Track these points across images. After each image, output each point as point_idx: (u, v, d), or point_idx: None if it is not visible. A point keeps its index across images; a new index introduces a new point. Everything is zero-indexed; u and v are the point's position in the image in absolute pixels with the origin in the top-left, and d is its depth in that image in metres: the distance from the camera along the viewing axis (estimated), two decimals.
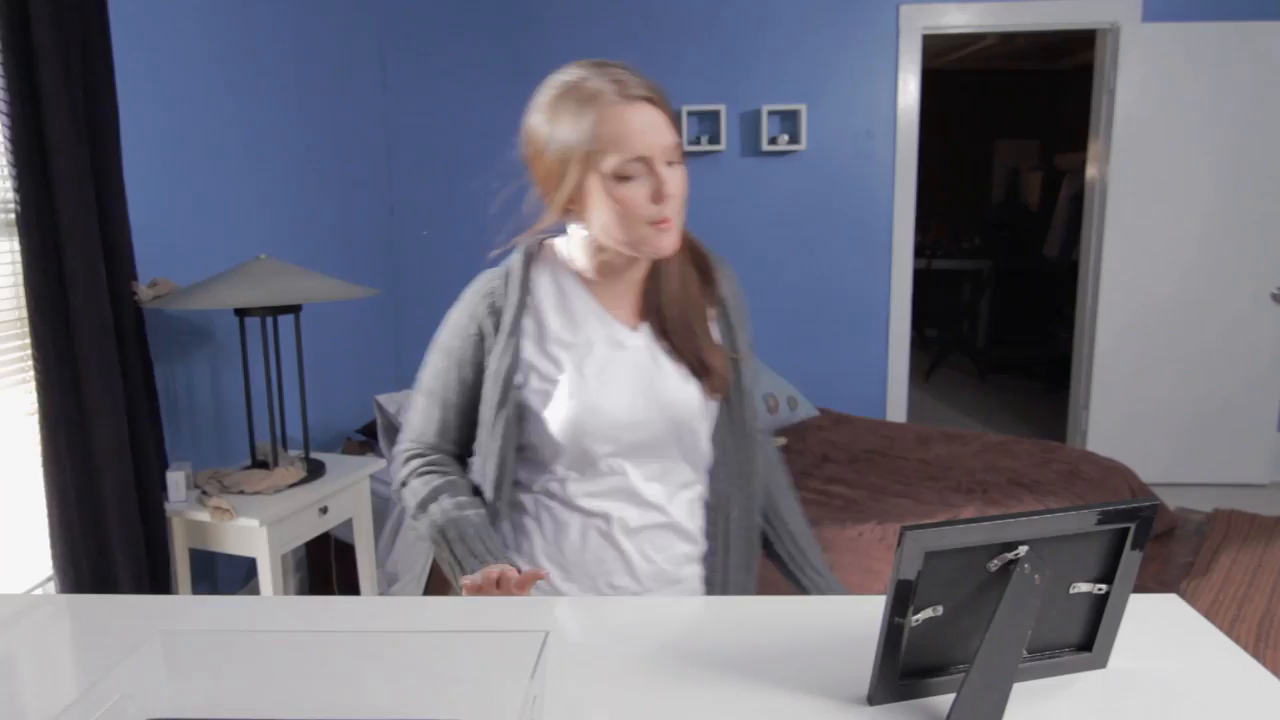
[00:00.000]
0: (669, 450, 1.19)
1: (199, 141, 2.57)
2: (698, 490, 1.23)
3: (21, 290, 1.87)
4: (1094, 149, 4.00)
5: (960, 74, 7.57)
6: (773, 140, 3.88)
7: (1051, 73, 7.44)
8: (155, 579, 2.09)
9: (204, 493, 2.20)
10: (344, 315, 3.41)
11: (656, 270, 1.21)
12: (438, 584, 2.55)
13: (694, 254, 1.25)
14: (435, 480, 1.21)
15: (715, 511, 1.22)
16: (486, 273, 1.23)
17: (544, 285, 1.21)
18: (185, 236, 2.51)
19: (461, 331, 1.21)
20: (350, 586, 2.70)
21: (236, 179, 2.75)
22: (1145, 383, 3.97)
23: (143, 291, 2.14)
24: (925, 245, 7.21)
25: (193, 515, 2.15)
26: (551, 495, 1.20)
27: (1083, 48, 5.50)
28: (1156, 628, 0.94)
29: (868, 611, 0.80)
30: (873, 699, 0.81)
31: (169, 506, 2.16)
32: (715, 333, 1.23)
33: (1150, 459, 3.98)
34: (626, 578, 1.18)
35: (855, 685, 0.83)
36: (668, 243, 1.12)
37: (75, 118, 1.86)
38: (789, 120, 3.90)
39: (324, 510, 2.31)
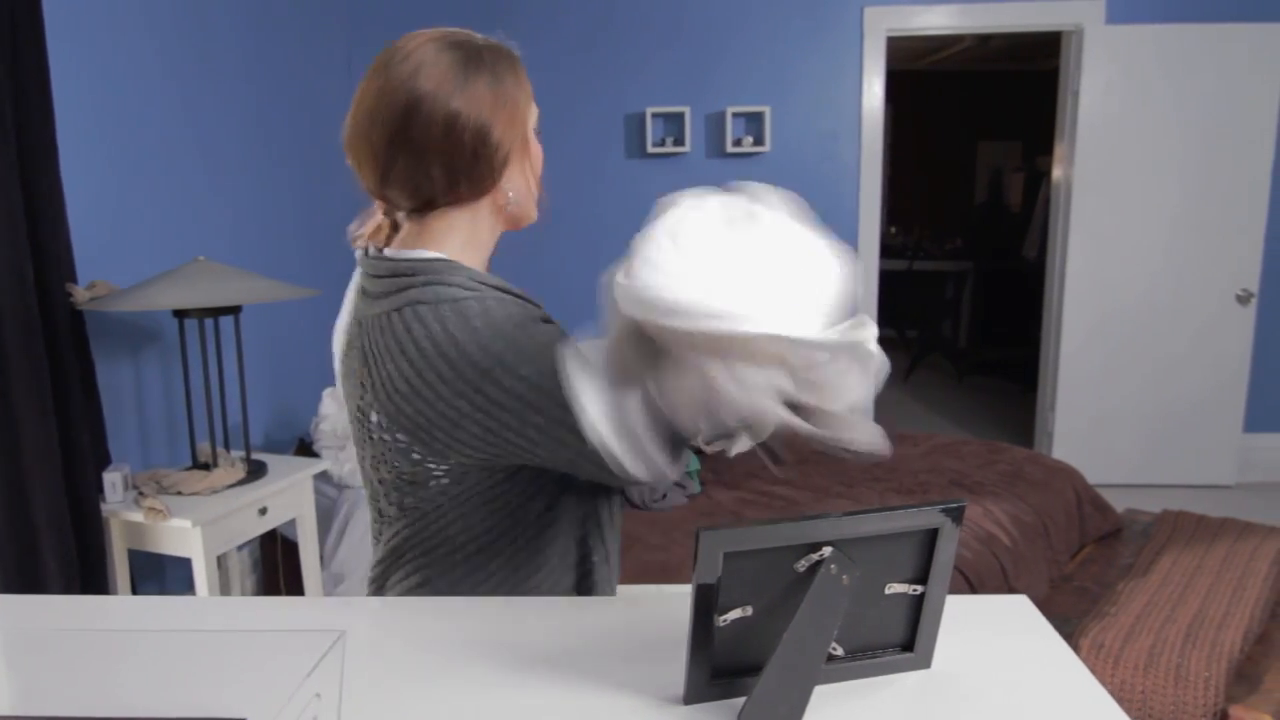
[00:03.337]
0: None
1: (151, 144, 2.58)
2: None
3: None
4: (1060, 150, 4.01)
5: (943, 75, 7.58)
6: (737, 142, 3.89)
7: (1034, 74, 7.44)
8: (89, 580, 2.10)
9: (141, 494, 2.21)
10: (309, 315, 3.42)
11: None
12: None
13: None
14: None
15: None
16: (491, 295, 1.00)
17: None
18: (138, 239, 2.53)
19: (536, 313, 1.03)
20: (299, 586, 2.71)
21: (193, 180, 2.76)
22: (1112, 384, 3.97)
23: (79, 294, 2.16)
24: (908, 246, 7.22)
25: (129, 516, 2.17)
26: None
27: None
28: (996, 629, 0.95)
29: (687, 611, 0.81)
30: (688, 698, 0.82)
31: (105, 507, 2.18)
32: None
33: (1117, 460, 3.99)
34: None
35: (673, 685, 0.84)
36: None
37: None
38: (753, 122, 3.91)
39: (263, 511, 2.32)
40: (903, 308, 6.69)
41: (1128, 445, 4.00)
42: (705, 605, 0.78)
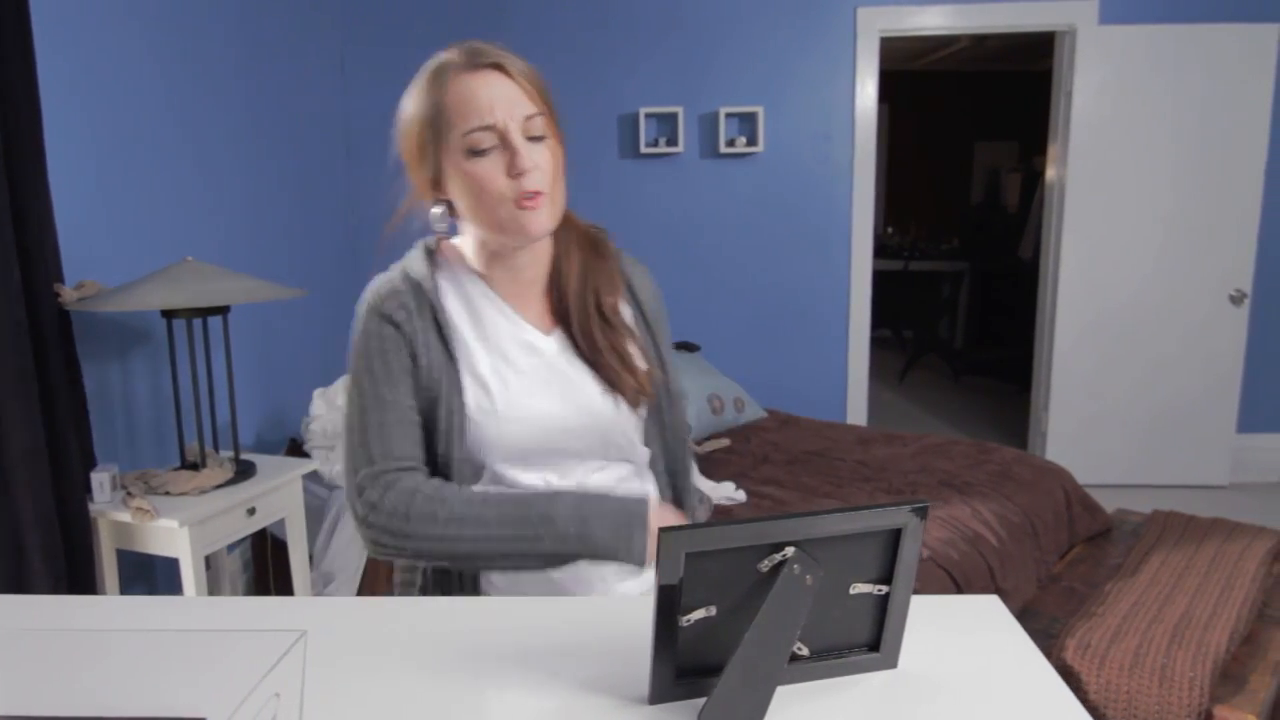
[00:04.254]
0: (602, 456, 1.16)
1: (140, 143, 2.58)
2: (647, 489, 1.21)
3: None
4: (1053, 151, 4.01)
5: (940, 75, 7.58)
6: (730, 142, 3.89)
7: (1031, 74, 7.43)
8: (76, 580, 2.10)
9: (129, 494, 2.21)
10: (298, 315, 3.42)
11: (557, 269, 1.18)
12: (371, 583, 2.56)
13: (597, 251, 1.20)
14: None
15: None
16: (382, 277, 1.15)
17: (447, 287, 1.15)
18: (126, 239, 2.53)
19: (384, 341, 1.10)
20: (289, 586, 2.71)
21: (182, 180, 2.76)
22: (1105, 384, 3.97)
23: (66, 294, 2.16)
24: (904, 246, 7.22)
25: (117, 516, 2.17)
26: None
27: None
28: (965, 629, 0.95)
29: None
30: (653, 698, 0.82)
31: (93, 507, 2.18)
32: (634, 337, 1.19)
33: (1110, 460, 3.99)
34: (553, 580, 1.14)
35: (638, 684, 0.84)
36: (534, 223, 1.07)
37: None
38: (747, 122, 3.91)
39: (251, 511, 2.32)
40: (899, 308, 6.68)
41: (1121, 445, 4.00)
42: (668, 605, 0.78)
